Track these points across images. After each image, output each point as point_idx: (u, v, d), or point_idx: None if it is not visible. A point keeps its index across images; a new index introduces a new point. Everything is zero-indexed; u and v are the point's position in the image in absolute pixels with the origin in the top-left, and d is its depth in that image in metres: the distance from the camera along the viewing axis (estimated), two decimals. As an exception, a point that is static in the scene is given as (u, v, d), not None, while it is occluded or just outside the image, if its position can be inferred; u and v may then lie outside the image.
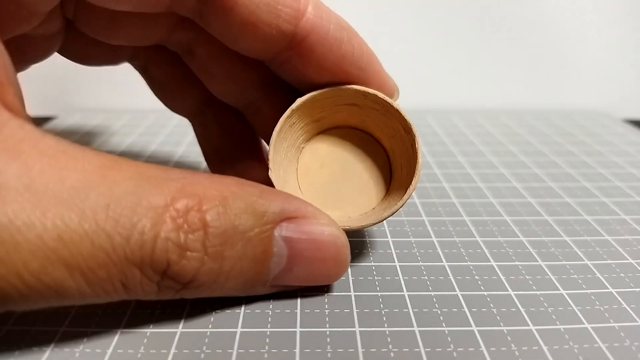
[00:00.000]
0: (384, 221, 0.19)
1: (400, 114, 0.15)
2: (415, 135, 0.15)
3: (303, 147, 0.17)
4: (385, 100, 0.15)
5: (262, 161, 0.20)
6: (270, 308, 0.14)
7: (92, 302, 0.11)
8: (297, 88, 0.16)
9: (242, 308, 0.14)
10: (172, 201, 0.11)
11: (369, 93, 0.15)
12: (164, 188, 0.11)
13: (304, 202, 0.14)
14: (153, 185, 0.11)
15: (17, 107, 0.11)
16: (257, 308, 0.14)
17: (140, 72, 0.20)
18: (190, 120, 0.21)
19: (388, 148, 0.17)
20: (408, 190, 0.15)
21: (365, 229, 0.19)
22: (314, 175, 0.17)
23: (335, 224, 0.14)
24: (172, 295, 0.12)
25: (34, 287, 0.10)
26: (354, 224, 0.15)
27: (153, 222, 0.11)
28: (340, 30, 0.15)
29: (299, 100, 0.15)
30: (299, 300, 0.15)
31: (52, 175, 0.10)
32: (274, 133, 0.15)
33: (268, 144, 0.19)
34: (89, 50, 0.17)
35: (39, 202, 0.10)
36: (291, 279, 0.14)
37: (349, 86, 0.15)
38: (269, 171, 0.15)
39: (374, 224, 0.15)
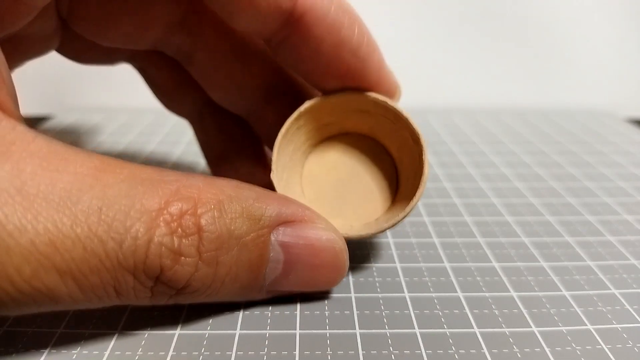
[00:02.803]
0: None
1: (409, 122, 0.15)
2: (423, 147, 0.14)
3: (310, 152, 0.16)
4: (395, 109, 0.15)
5: (265, 166, 0.19)
6: (270, 310, 0.14)
7: (84, 307, 0.11)
8: (301, 77, 0.16)
9: (241, 310, 0.14)
10: (165, 204, 0.11)
11: (378, 100, 0.15)
12: (158, 191, 0.11)
13: (301, 206, 0.13)
14: (147, 188, 0.11)
15: (9, 107, 0.11)
16: (256, 310, 0.14)
17: (139, 73, 0.20)
18: (191, 124, 0.20)
19: (396, 157, 0.16)
20: (410, 203, 0.14)
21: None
22: (319, 181, 0.16)
23: (333, 229, 0.14)
24: (165, 301, 0.12)
25: (26, 292, 0.10)
26: (354, 232, 0.14)
27: (147, 226, 0.11)
28: (342, 14, 0.14)
29: (307, 103, 0.15)
30: (298, 302, 0.15)
31: (44, 178, 0.10)
32: (279, 135, 0.15)
33: (272, 149, 0.18)
34: (84, 49, 0.17)
35: (31, 206, 0.10)
36: (288, 284, 0.14)
37: (359, 93, 0.15)
38: (271, 173, 0.15)
39: (374, 234, 0.14)
